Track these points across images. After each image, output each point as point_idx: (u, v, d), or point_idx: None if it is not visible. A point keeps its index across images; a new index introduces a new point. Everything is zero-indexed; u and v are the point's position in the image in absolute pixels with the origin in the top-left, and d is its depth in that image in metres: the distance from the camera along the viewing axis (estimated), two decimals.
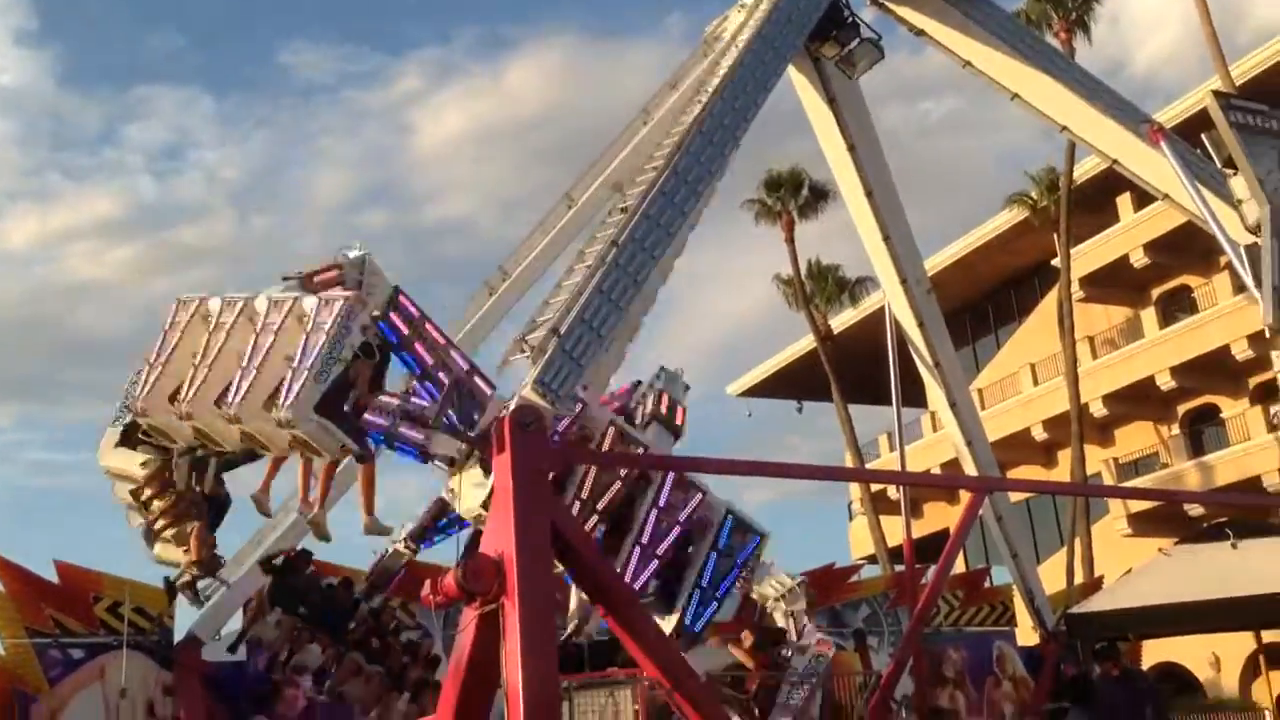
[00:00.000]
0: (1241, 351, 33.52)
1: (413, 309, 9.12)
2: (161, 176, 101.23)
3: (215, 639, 15.07)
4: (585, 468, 9.21)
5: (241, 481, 13.74)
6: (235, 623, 15.43)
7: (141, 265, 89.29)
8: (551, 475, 8.42)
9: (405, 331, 9.09)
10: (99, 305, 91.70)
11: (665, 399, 11.01)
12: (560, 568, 8.19)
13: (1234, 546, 10.01)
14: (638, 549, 8.99)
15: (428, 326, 9.15)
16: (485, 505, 8.35)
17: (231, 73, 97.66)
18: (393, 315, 9.00)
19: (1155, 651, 17.92)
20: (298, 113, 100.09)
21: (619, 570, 8.84)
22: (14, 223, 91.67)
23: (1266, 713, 12.05)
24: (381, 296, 8.98)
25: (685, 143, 12.33)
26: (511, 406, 8.38)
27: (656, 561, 9.03)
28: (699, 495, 9.55)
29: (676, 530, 9.23)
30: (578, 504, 9.07)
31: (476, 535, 9.14)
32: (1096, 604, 10.68)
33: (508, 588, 7.33)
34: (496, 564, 7.44)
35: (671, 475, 9.45)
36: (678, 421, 10.98)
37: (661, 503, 9.29)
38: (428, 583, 7.81)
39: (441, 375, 8.91)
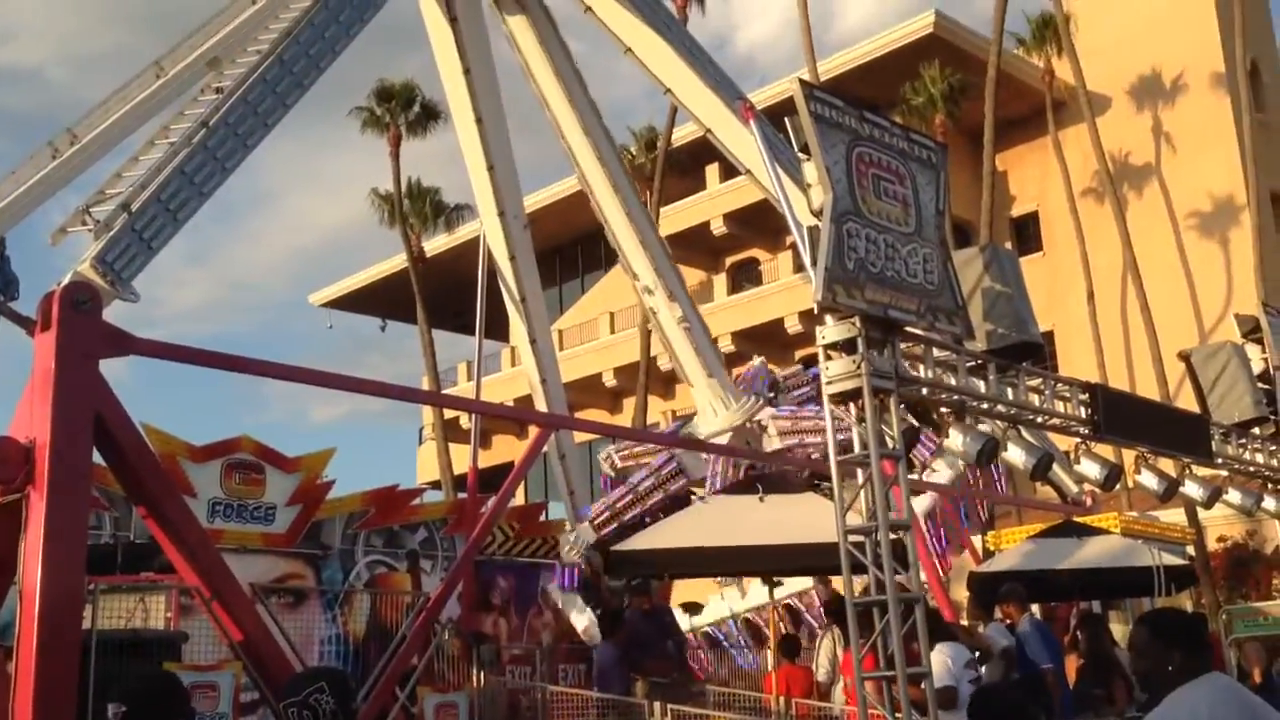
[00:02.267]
0: (793, 325, 36.90)
1: None
2: None
3: None
4: None
5: None
6: None
7: None
8: None
9: None
10: None
11: None
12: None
13: (761, 500, 10.98)
14: None
15: None
16: None
17: None
18: None
19: (684, 592, 19.46)
20: None
21: None
22: None
23: (767, 652, 13.47)
24: None
25: (296, 31, 11.71)
26: (65, 281, 7.62)
27: None
28: None
29: None
30: None
31: None
32: (636, 543, 11.37)
33: (35, 477, 6.69)
34: (26, 450, 6.77)
35: None
36: None
37: None
38: None
39: None
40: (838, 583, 11.42)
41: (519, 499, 24.63)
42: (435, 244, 42.22)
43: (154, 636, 8.32)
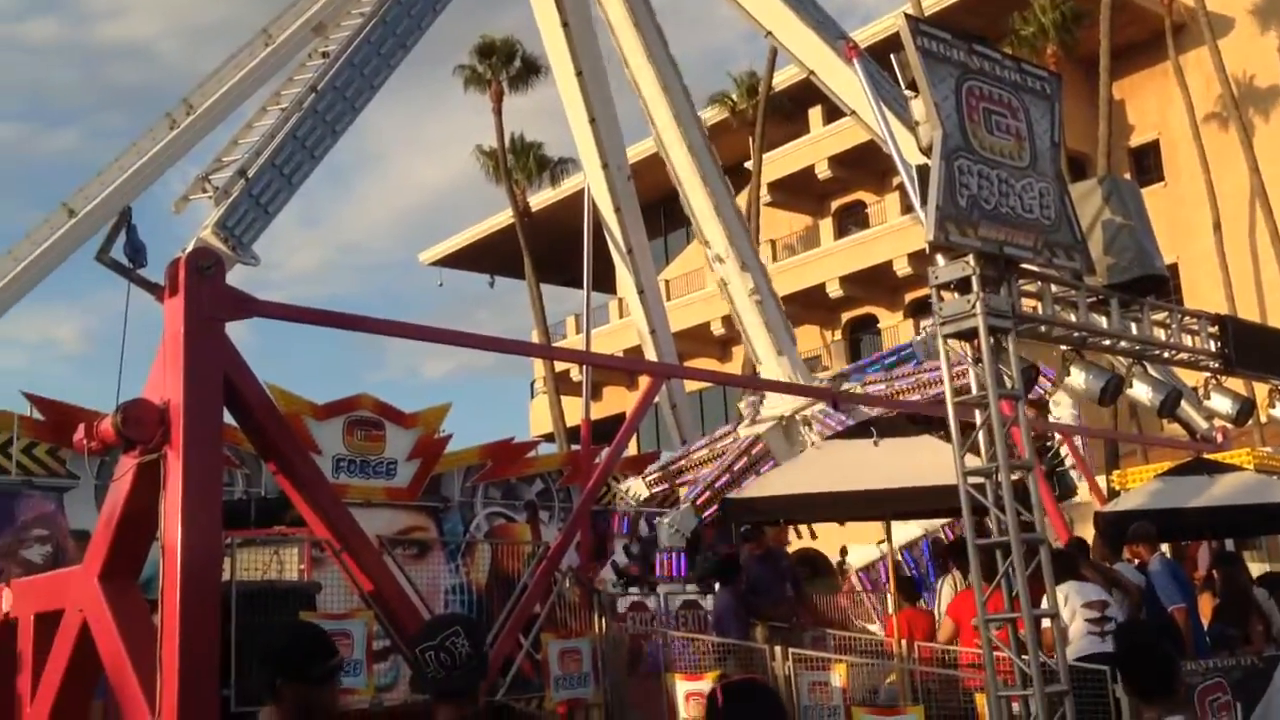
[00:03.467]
0: (902, 268, 36.28)
1: None
2: None
3: None
4: None
5: None
6: None
7: None
8: None
9: None
10: None
11: None
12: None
13: (876, 444, 10.86)
14: None
15: None
16: None
17: None
18: None
19: (801, 538, 19.46)
20: None
21: None
22: None
23: (887, 595, 13.37)
24: None
25: None
26: (189, 247, 7.86)
27: None
28: None
29: None
30: None
31: None
32: (750, 490, 11.40)
33: (171, 437, 6.95)
34: (161, 411, 7.03)
35: None
36: None
37: None
38: (81, 427, 7.29)
39: None
40: None
41: (631, 449, 24.84)
42: (540, 199, 42.45)
43: (289, 588, 8.61)
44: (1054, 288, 8.67)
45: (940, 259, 8.09)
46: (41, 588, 8.44)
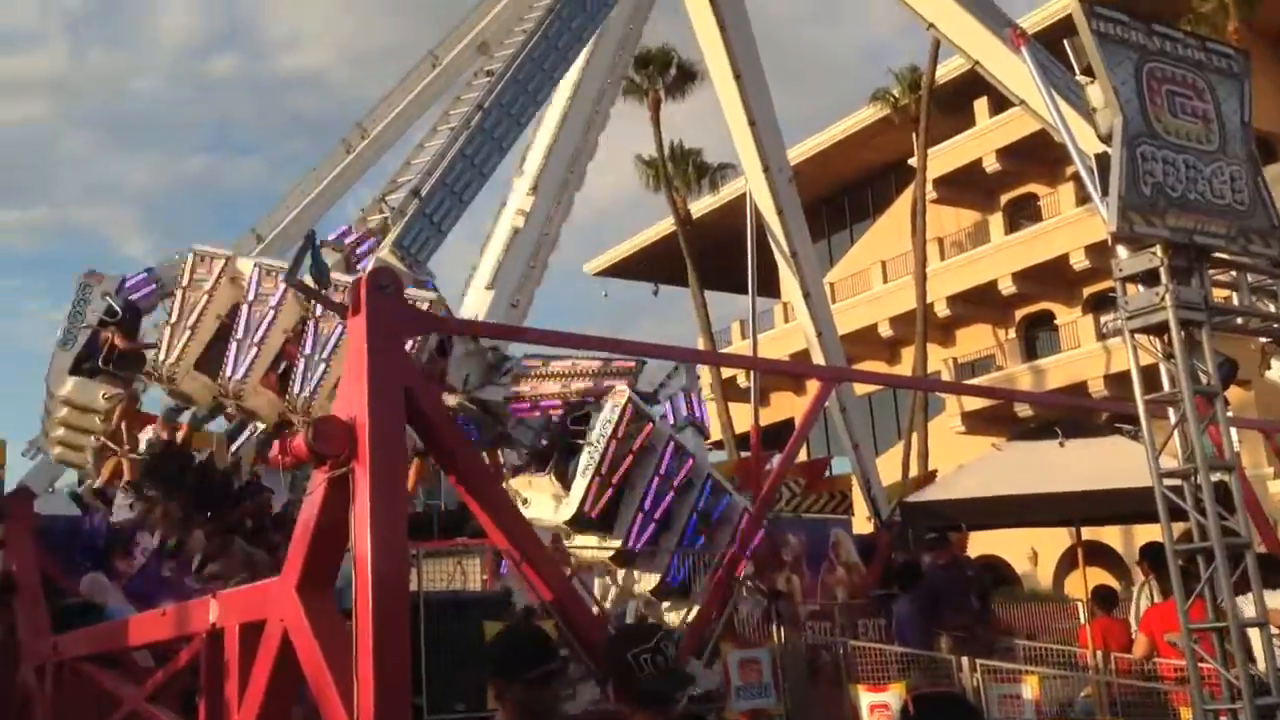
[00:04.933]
0: (1079, 261, 34.93)
1: None
2: None
3: (49, 492, 14.60)
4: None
5: None
6: (70, 476, 15.01)
7: None
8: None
9: None
10: None
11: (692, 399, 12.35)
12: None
13: (1061, 445, 10.47)
14: (234, 344, 9.62)
15: None
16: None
17: None
18: None
19: (979, 544, 18.89)
20: None
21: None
22: None
23: (1079, 604, 12.83)
24: None
25: (557, 6, 12.00)
26: (369, 267, 8.14)
27: (255, 350, 9.59)
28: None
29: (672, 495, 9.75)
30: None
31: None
32: (929, 494, 11.10)
33: (359, 452, 7.18)
34: (348, 427, 7.27)
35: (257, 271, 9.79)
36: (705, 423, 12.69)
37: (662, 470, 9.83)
38: (276, 443, 7.61)
39: None
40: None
41: (802, 455, 24.59)
42: (701, 205, 42.53)
43: (473, 597, 8.82)
44: (1250, 277, 8.19)
45: (1123, 251, 7.75)
46: (244, 599, 8.83)
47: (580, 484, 10.94)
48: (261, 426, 13.05)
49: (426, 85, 15.46)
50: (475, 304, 13.96)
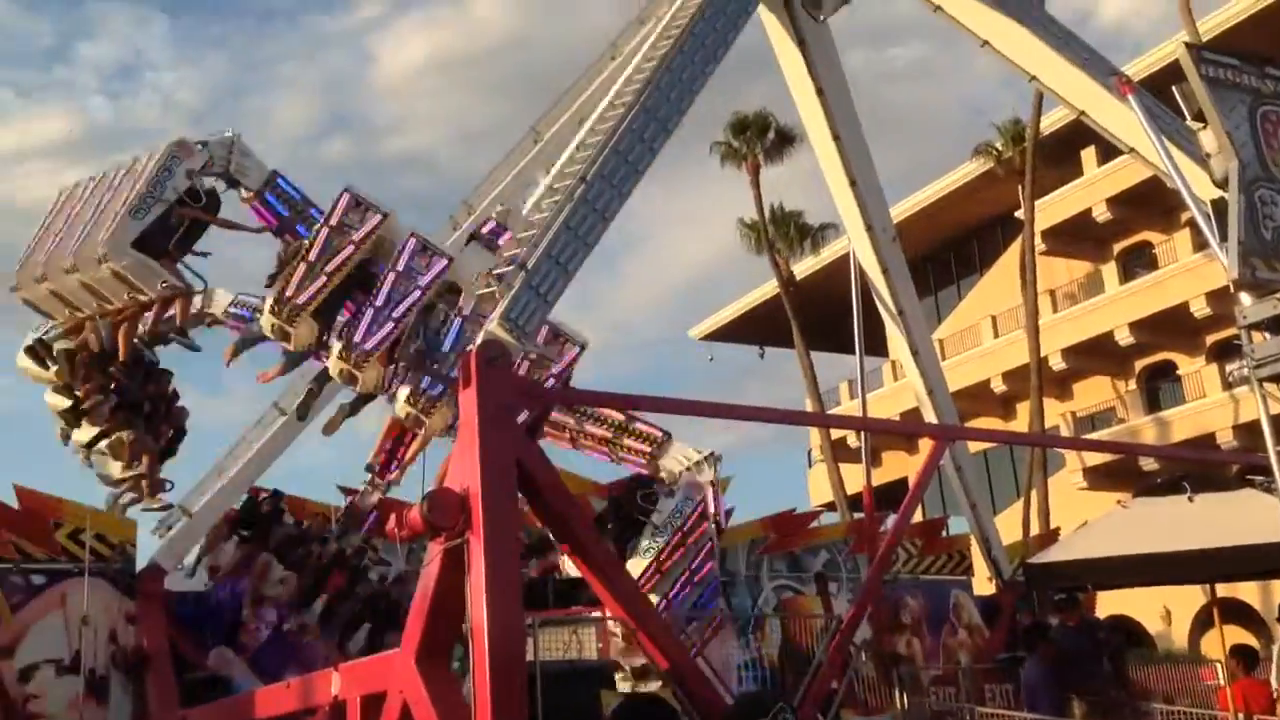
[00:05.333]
0: (1200, 309, 33.88)
1: (294, 192, 9.83)
2: (116, 97, 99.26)
3: (178, 569, 15.02)
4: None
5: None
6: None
7: None
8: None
9: (286, 213, 9.77)
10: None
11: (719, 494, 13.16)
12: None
13: (1191, 500, 10.08)
14: (371, 310, 9.40)
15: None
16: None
17: None
18: (269, 196, 9.68)
19: (1107, 603, 18.24)
20: (256, 36, 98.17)
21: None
22: None
23: (1218, 665, 12.24)
24: (258, 176, 9.66)
25: (655, 79, 12.19)
26: (478, 341, 8.29)
27: (393, 324, 9.40)
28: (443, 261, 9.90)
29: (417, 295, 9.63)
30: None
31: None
32: (1053, 554, 10.75)
33: (473, 523, 7.28)
34: (461, 499, 7.38)
35: (413, 242, 9.83)
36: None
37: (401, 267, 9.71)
38: (393, 516, 7.76)
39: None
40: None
41: (917, 515, 24.14)
42: (804, 266, 42.43)
43: (590, 666, 8.79)
44: None
45: (1246, 297, 7.52)
46: (365, 670, 8.96)
47: (639, 563, 11.74)
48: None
49: (529, 161, 15.81)
50: None
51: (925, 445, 13.53)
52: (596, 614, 9.96)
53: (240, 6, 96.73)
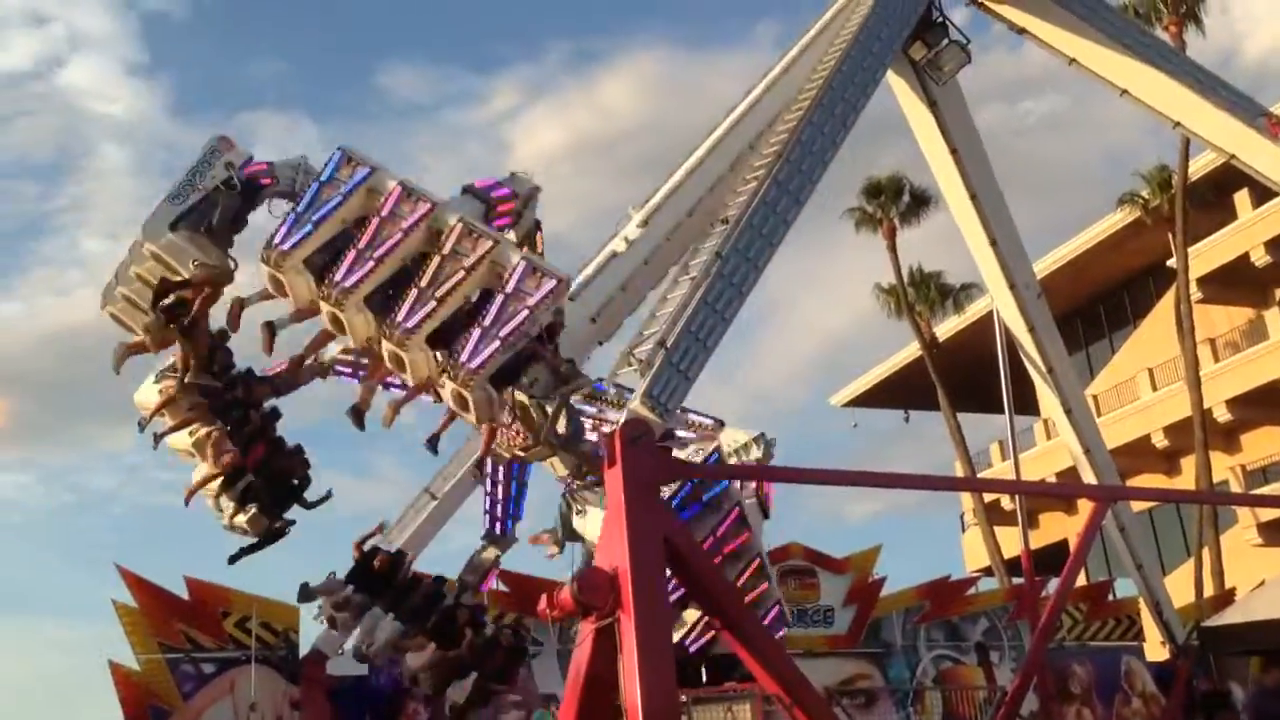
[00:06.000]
0: None
1: None
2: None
3: (339, 653, 15.38)
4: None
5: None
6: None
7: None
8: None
9: None
10: None
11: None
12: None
13: None
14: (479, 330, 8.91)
15: None
16: None
17: (331, 97, 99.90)
18: None
19: None
20: (397, 133, 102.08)
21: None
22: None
23: None
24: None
25: (786, 151, 12.27)
26: (621, 420, 8.38)
27: (499, 344, 8.81)
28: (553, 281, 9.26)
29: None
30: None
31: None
32: (1230, 616, 10.21)
33: (623, 602, 7.32)
34: (611, 578, 7.44)
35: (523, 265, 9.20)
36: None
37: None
38: (544, 597, 7.85)
39: None
40: None
41: (1080, 579, 23.24)
42: (946, 327, 41.69)
43: None
44: None
45: None
46: None
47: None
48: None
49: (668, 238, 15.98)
50: None
51: (1085, 506, 13.07)
52: (750, 690, 9.85)
53: (381, 107, 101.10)
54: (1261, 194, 31.60)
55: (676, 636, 9.71)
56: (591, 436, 9.46)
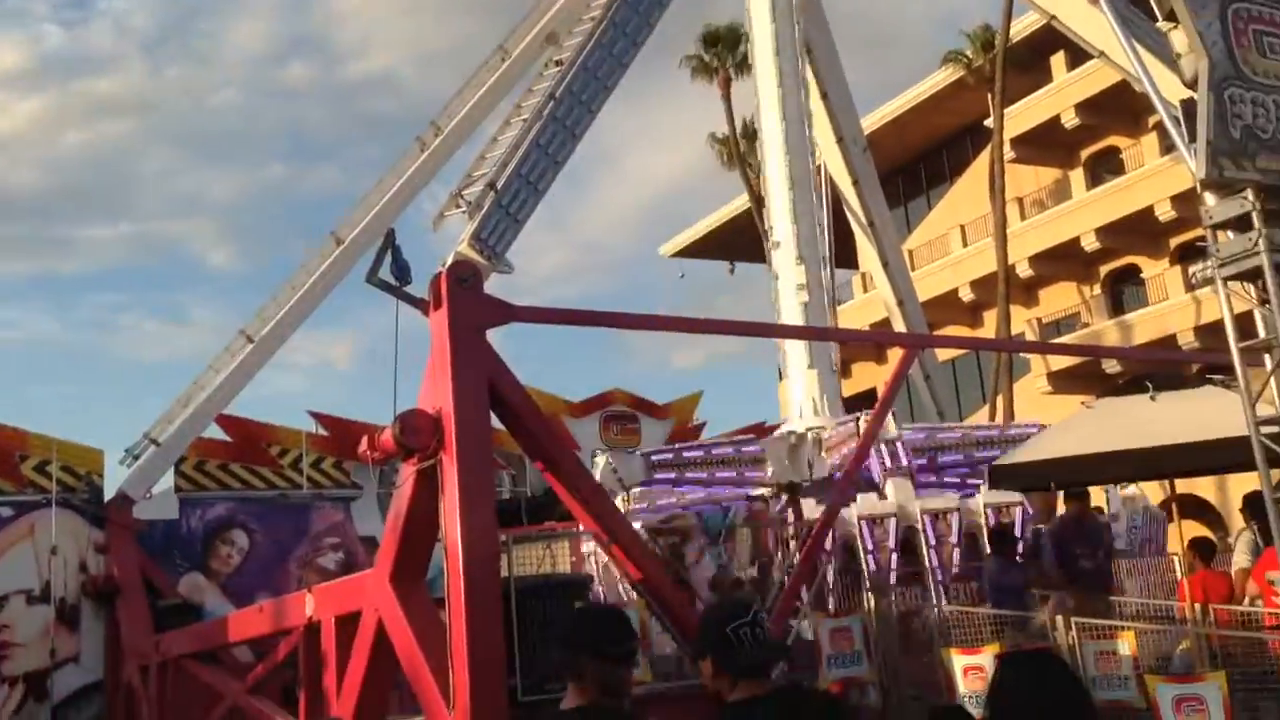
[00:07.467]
0: (1165, 212, 34.03)
1: None
2: (68, 25, 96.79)
3: (146, 498, 15.03)
4: None
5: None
6: (166, 480, 15.43)
7: (51, 117, 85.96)
8: None
9: None
10: (7, 158, 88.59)
11: None
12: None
13: (1153, 399, 10.20)
14: None
15: None
16: None
17: None
18: None
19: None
20: None
21: None
22: None
23: (1175, 558, 12.56)
24: None
25: None
26: (448, 262, 8.22)
27: None
28: None
29: None
30: None
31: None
32: (1019, 456, 10.88)
33: (446, 444, 7.30)
34: (435, 420, 7.39)
35: None
36: None
37: None
38: (364, 439, 7.76)
39: None
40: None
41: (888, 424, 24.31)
42: None
43: (562, 580, 8.91)
44: None
45: (1211, 198, 7.56)
46: (339, 592, 9.04)
47: None
48: None
49: (497, 79, 15.45)
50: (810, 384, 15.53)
51: (895, 355, 13.61)
52: (569, 529, 10.08)
53: None
54: (1075, 57, 32.63)
55: None
56: None
